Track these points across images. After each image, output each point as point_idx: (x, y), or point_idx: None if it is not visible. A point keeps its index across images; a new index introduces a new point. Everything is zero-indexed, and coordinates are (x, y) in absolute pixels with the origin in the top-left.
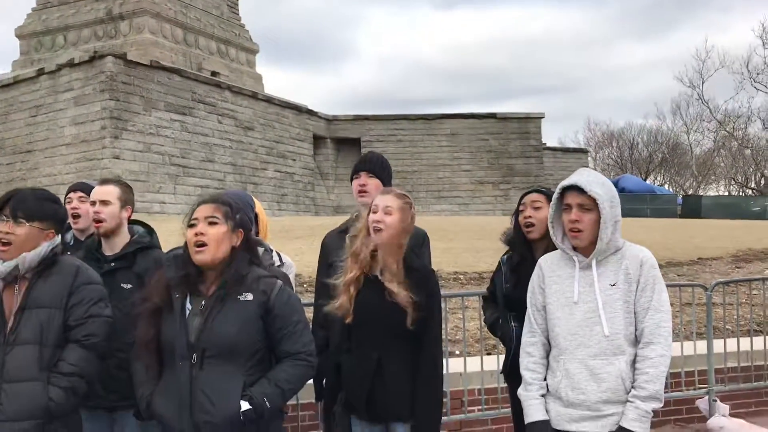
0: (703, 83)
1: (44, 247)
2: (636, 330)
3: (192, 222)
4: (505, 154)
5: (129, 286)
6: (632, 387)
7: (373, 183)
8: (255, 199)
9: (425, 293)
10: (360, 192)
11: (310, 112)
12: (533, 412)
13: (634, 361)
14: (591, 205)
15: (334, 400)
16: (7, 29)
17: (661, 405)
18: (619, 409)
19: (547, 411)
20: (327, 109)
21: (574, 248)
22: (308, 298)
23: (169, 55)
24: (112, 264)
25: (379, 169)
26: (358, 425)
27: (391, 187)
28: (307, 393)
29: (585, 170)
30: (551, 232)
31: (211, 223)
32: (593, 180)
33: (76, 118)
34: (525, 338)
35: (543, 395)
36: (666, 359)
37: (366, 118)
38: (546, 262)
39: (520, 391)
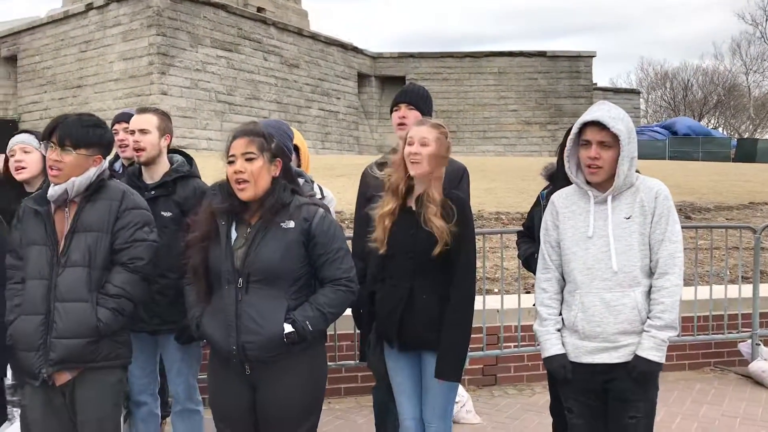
0: (766, 20)
1: (92, 172)
2: (650, 261)
3: (230, 159)
4: (553, 93)
5: (169, 214)
6: (648, 317)
7: (412, 115)
8: (295, 131)
9: (459, 222)
10: (399, 124)
11: (356, 50)
12: (550, 347)
13: (648, 292)
14: (611, 141)
15: (369, 330)
16: None
17: (677, 333)
18: (635, 340)
19: (563, 345)
20: (372, 47)
21: (588, 182)
22: (349, 234)
23: None
24: (153, 192)
25: (420, 100)
26: (391, 354)
27: (427, 117)
28: (344, 323)
29: (605, 104)
30: (566, 166)
31: (249, 159)
32: (615, 116)
33: (124, 54)
34: (539, 274)
35: (559, 329)
36: (680, 289)
37: (411, 55)
38: (559, 197)
39: (536, 327)
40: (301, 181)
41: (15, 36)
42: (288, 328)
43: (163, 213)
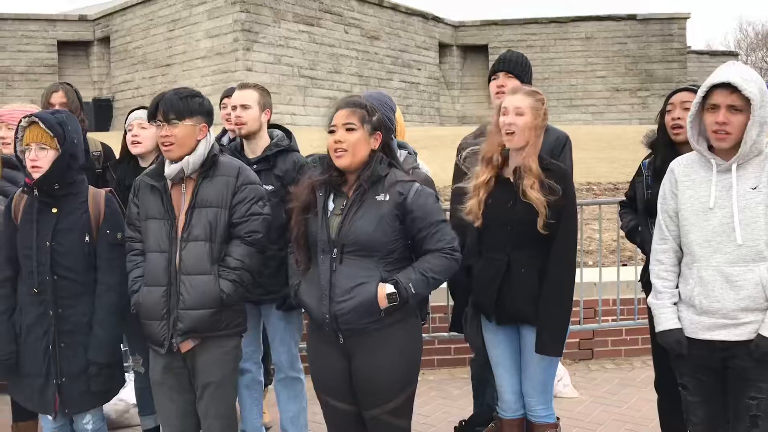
0: None
1: (202, 148)
2: None
3: (331, 128)
4: (644, 58)
5: (270, 187)
6: None
7: (511, 84)
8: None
9: (560, 194)
10: (497, 93)
11: (436, 19)
12: (664, 320)
13: None
14: (742, 105)
15: (465, 303)
16: None
17: None
18: (759, 317)
19: (679, 319)
20: (453, 16)
21: (710, 148)
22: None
23: None
24: (254, 166)
25: (519, 68)
26: (488, 327)
27: (522, 85)
28: (437, 295)
29: (735, 65)
30: (689, 133)
31: (349, 129)
32: (748, 77)
33: (210, 31)
34: (655, 245)
35: (675, 303)
36: None
37: (494, 23)
38: (678, 165)
39: (650, 299)
40: (404, 153)
41: (107, 18)
42: (389, 288)
43: (264, 186)
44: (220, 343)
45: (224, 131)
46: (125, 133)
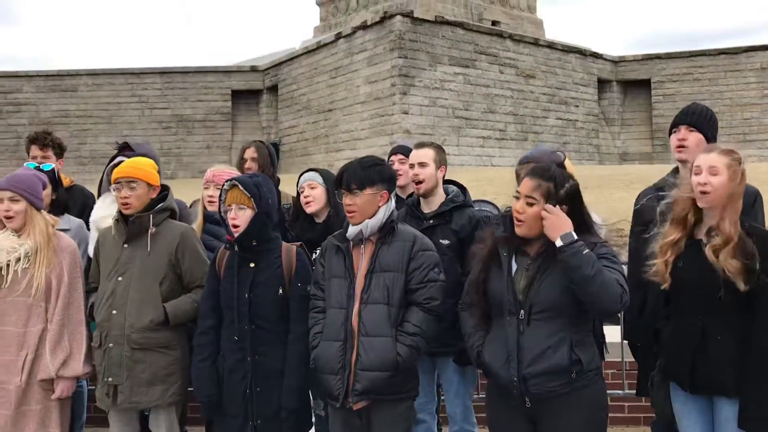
0: None
1: (381, 213)
2: None
3: (516, 194)
4: None
5: (446, 242)
6: None
7: (694, 138)
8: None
9: (762, 258)
10: (678, 147)
11: (595, 55)
12: None
13: None
14: None
15: (649, 366)
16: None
17: None
18: None
19: None
20: (611, 50)
21: None
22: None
23: (451, 8)
24: (431, 221)
25: (702, 121)
26: (679, 395)
27: (715, 143)
28: (612, 350)
29: None
30: None
31: (530, 204)
32: None
33: (369, 78)
34: None
35: None
36: None
37: (657, 56)
38: None
39: None
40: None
41: (276, 68)
42: (573, 234)
43: (441, 241)
44: (394, 405)
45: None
46: (298, 195)
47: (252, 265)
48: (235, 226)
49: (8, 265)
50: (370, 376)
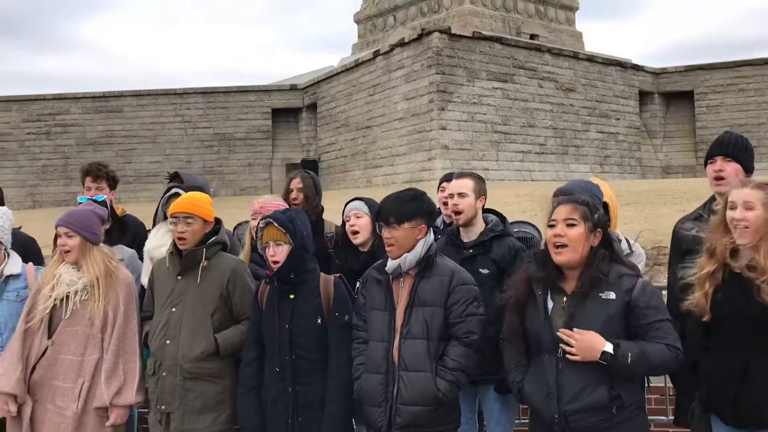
0: None
1: (419, 248)
2: None
3: (551, 223)
4: None
5: (486, 271)
6: None
7: (731, 168)
8: (604, 185)
9: None
10: (715, 179)
11: (636, 67)
12: None
13: None
14: None
15: (687, 395)
16: (346, 18)
17: None
18: None
19: None
20: (652, 62)
21: None
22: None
23: (489, 23)
24: (470, 251)
25: (739, 151)
26: (721, 427)
27: (749, 177)
28: (656, 377)
29: None
30: None
31: (570, 225)
32: None
33: (407, 94)
34: None
35: None
36: None
37: (700, 68)
38: None
39: None
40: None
41: (315, 86)
42: (609, 347)
43: (481, 270)
44: None
45: (438, 212)
46: (343, 224)
47: (291, 296)
48: (275, 262)
49: (68, 297)
50: (411, 410)
